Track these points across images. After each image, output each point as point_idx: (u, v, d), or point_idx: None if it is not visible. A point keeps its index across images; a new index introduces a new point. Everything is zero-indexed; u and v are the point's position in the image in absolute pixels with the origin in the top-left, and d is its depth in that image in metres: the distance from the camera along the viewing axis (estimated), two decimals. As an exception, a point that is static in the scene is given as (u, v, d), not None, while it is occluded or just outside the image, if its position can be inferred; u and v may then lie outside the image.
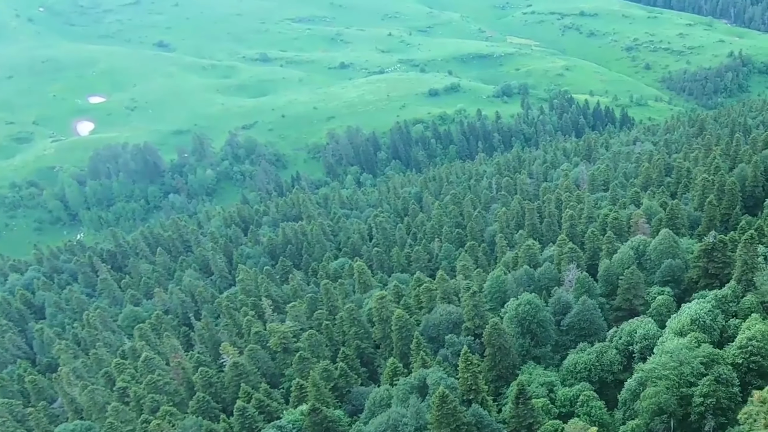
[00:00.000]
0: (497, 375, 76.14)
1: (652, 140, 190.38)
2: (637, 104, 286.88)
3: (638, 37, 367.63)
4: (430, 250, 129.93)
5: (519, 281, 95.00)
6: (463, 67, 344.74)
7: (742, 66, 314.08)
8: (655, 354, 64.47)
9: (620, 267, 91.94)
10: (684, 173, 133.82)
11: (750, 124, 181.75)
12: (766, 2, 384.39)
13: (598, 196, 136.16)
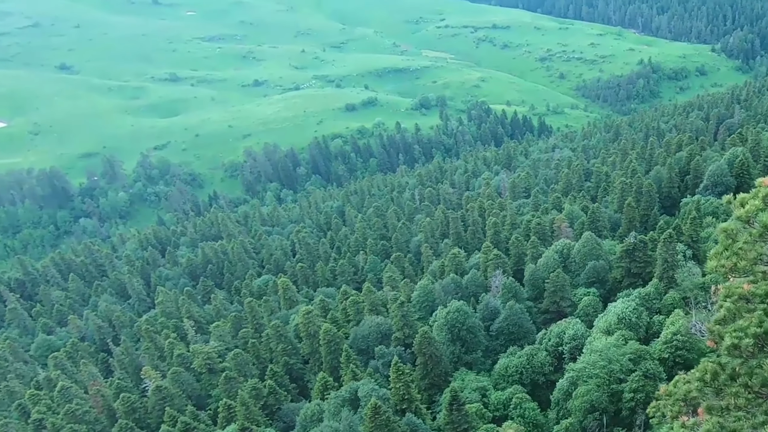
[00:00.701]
0: (430, 383, 75.98)
1: (571, 147, 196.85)
2: (554, 112, 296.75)
3: (551, 47, 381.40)
4: (355, 263, 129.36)
5: (447, 289, 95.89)
6: (380, 81, 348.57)
7: (652, 73, 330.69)
8: (585, 353, 65.89)
9: (546, 271, 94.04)
10: (603, 177, 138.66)
11: (663, 128, 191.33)
12: (671, 12, 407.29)
13: (521, 203, 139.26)
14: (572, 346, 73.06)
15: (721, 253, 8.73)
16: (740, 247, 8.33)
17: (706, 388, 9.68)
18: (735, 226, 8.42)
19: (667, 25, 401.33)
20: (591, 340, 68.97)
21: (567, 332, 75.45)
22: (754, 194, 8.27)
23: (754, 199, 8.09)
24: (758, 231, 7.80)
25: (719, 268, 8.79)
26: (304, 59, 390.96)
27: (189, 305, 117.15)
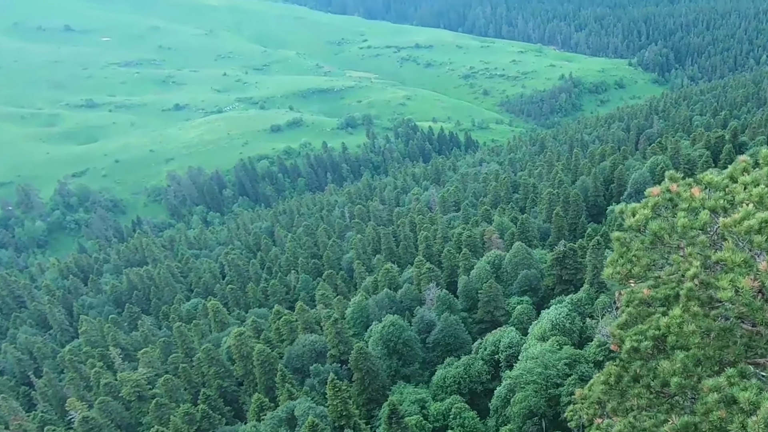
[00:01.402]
0: (368, 398, 75.97)
1: (498, 160, 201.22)
2: (480, 128, 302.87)
3: (474, 65, 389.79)
4: (287, 283, 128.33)
5: (381, 304, 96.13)
6: (304, 102, 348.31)
7: (573, 87, 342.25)
8: (521, 360, 66.99)
9: (479, 281, 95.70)
10: (530, 189, 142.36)
11: (586, 139, 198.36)
12: (588, 29, 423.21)
13: (451, 216, 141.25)
14: (508, 353, 74.23)
15: (616, 261, 9.42)
16: (634, 255, 9.05)
17: (611, 391, 10.22)
18: (627, 235, 9.16)
19: (585, 42, 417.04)
20: (526, 347, 70.10)
21: (502, 340, 76.72)
22: (644, 204, 9.03)
23: (644, 208, 8.83)
24: (649, 239, 8.52)
25: (615, 275, 9.44)
26: (226, 82, 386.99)
27: (115, 333, 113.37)
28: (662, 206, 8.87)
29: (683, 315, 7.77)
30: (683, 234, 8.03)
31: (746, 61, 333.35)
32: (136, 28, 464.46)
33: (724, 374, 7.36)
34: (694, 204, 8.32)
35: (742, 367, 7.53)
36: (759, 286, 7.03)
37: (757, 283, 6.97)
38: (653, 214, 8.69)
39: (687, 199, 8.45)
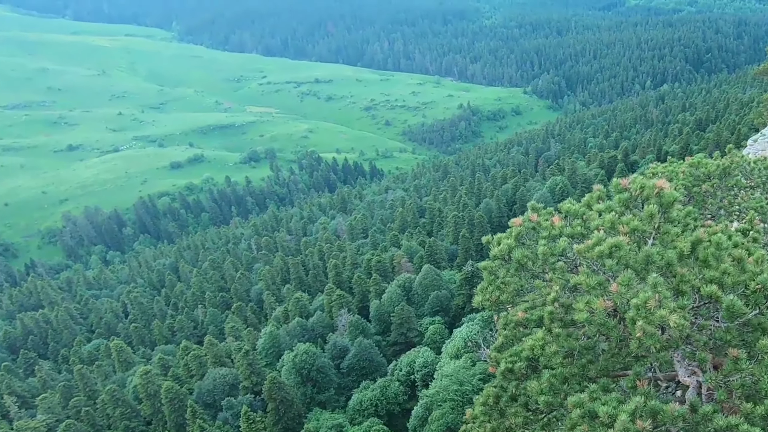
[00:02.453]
0: (283, 427, 74.79)
1: (403, 187, 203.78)
2: (384, 157, 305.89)
3: (375, 97, 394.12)
4: (194, 318, 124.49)
5: (292, 333, 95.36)
6: (205, 138, 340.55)
7: (472, 115, 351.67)
8: (436, 379, 67.90)
9: (390, 305, 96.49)
10: (436, 213, 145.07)
11: (488, 164, 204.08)
12: (483, 61, 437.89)
13: (359, 243, 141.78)
14: (424, 373, 75.21)
15: (486, 288, 9.89)
16: (502, 282, 9.53)
17: (491, 411, 10.59)
18: (494, 264, 9.64)
19: (481, 73, 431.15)
20: (441, 365, 71.06)
21: (417, 361, 77.61)
22: (508, 234, 9.61)
23: (508, 238, 9.38)
24: (514, 266, 9.02)
25: (485, 302, 9.93)
26: (121, 121, 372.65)
27: (9, 380, 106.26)
28: (525, 235, 9.38)
29: (545, 337, 8.24)
30: (544, 261, 8.53)
31: (632, 87, 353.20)
32: (23, 71, 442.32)
33: (587, 390, 7.83)
34: (554, 232, 8.86)
35: (604, 381, 8.04)
36: (612, 306, 7.54)
37: (610, 304, 7.47)
38: (516, 243, 9.17)
39: (547, 228, 8.98)
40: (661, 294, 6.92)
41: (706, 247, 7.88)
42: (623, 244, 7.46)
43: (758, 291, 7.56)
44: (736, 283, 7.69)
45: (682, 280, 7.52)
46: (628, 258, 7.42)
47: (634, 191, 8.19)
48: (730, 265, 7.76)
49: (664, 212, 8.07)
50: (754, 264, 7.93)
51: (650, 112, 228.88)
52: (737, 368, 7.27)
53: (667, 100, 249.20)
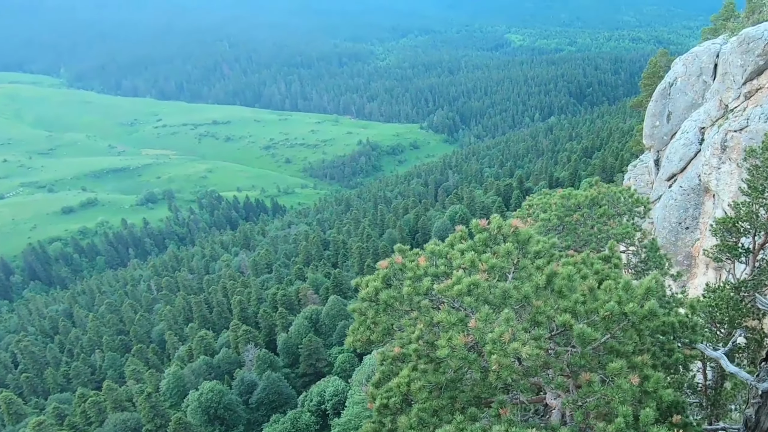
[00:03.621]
0: (190, 471, 71.38)
1: (306, 221, 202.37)
2: (286, 193, 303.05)
3: (274, 137, 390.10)
4: (91, 363, 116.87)
5: (198, 372, 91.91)
6: (99, 182, 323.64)
7: (371, 150, 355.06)
8: (348, 407, 66.96)
9: (298, 337, 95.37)
10: (341, 245, 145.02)
11: (389, 195, 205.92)
12: (380, 99, 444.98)
13: (264, 278, 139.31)
14: (334, 402, 74.14)
15: (357, 329, 9.96)
16: (372, 322, 9.60)
17: None
18: (363, 305, 9.72)
19: (378, 110, 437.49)
20: (352, 393, 70.15)
21: (327, 390, 76.49)
22: (376, 276, 9.73)
23: (375, 280, 9.51)
24: (382, 306, 9.13)
25: (356, 343, 9.97)
26: (7, 168, 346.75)
27: None
28: (393, 276, 9.49)
29: (410, 374, 8.33)
30: (409, 300, 8.64)
31: (522, 119, 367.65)
32: None
33: (454, 421, 7.94)
34: (419, 272, 9.02)
35: (472, 411, 8.18)
36: (472, 341, 7.70)
37: (470, 339, 7.63)
38: (384, 285, 9.26)
39: (412, 269, 9.13)
40: (514, 328, 7.14)
41: (561, 279, 8.23)
42: (481, 282, 7.68)
43: (607, 317, 7.94)
44: (588, 310, 8.06)
45: (537, 311, 7.80)
46: (486, 294, 7.65)
47: (493, 231, 8.47)
48: (582, 295, 8.14)
49: (522, 248, 8.39)
50: (604, 292, 8.35)
51: (540, 142, 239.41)
52: (591, 391, 7.58)
53: (555, 131, 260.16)
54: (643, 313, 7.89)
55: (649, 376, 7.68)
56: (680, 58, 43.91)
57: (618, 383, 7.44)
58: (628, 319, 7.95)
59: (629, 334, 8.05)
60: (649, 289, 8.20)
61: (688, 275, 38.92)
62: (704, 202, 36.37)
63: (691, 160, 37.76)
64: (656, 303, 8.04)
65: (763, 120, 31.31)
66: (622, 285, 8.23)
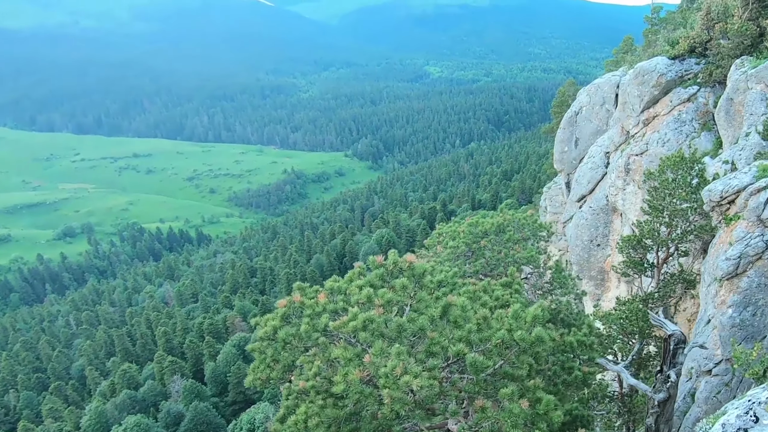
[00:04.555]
0: None
1: (232, 250, 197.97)
2: (210, 223, 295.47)
3: (197, 168, 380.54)
4: (5, 404, 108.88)
5: (121, 406, 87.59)
6: (12, 217, 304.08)
7: (297, 179, 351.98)
8: (279, 432, 65.11)
9: (226, 365, 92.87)
10: (268, 272, 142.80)
11: (316, 222, 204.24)
12: (304, 130, 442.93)
13: (190, 308, 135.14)
14: (264, 428, 72.41)
15: (257, 367, 9.81)
16: (272, 360, 9.48)
17: None
18: (262, 344, 9.59)
19: (302, 140, 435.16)
20: (283, 418, 68.82)
21: (257, 417, 74.47)
22: (274, 315, 9.65)
23: (273, 319, 9.42)
24: (280, 344, 9.03)
25: (255, 381, 9.80)
26: None
27: None
28: (293, 314, 9.39)
29: (307, 410, 8.22)
30: (307, 338, 8.57)
31: (444, 146, 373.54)
32: None
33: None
34: (317, 309, 8.97)
35: (372, 442, 8.13)
36: (368, 375, 7.68)
37: (366, 373, 7.61)
38: (282, 323, 9.15)
39: (311, 306, 9.08)
40: (406, 361, 7.17)
41: (456, 310, 8.35)
42: (375, 317, 7.71)
43: (498, 345, 8.10)
44: (482, 339, 8.21)
45: (432, 342, 7.87)
46: (382, 329, 7.67)
47: (389, 266, 8.53)
48: (476, 324, 8.28)
49: (418, 281, 8.48)
50: (497, 321, 8.52)
51: (462, 166, 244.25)
52: (485, 416, 7.69)
53: (475, 156, 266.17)
54: (531, 340, 8.11)
55: (540, 398, 7.89)
56: (584, 89, 46.04)
57: (509, 408, 7.57)
58: (518, 345, 8.13)
59: (522, 359, 8.25)
60: (535, 317, 8.44)
61: (603, 289, 40.50)
62: (613, 220, 38.04)
63: (599, 182, 39.47)
64: (542, 330, 8.29)
65: (660, 144, 33.20)
66: (511, 314, 8.44)
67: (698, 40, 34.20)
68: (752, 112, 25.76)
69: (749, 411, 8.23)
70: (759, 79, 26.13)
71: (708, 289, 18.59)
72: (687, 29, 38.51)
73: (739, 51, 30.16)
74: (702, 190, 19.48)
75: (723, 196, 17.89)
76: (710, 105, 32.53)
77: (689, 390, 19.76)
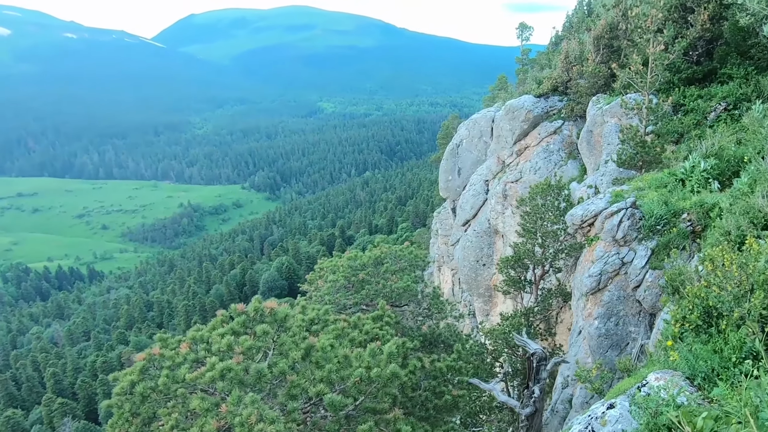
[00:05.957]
0: None
1: (127, 285, 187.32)
2: (103, 259, 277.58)
3: (88, 205, 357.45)
4: None
5: (7, 455, 79.49)
6: None
7: (194, 212, 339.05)
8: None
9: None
10: (165, 305, 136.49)
11: (214, 253, 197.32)
12: (199, 164, 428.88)
13: (81, 347, 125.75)
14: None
15: (116, 422, 9.26)
16: (131, 414, 9.03)
17: None
18: (121, 398, 9.11)
19: (199, 174, 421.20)
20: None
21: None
22: (132, 369, 9.19)
23: (131, 374, 8.98)
24: (138, 399, 8.62)
25: None
26: None
27: None
28: (153, 366, 9.00)
29: None
30: (166, 391, 8.24)
31: (340, 175, 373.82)
32: None
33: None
34: (177, 360, 8.65)
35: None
36: (225, 425, 7.47)
37: (222, 423, 7.40)
38: (141, 377, 8.74)
39: (171, 357, 8.74)
40: (260, 408, 7.04)
41: (317, 351, 8.31)
42: (234, 365, 7.52)
43: (357, 383, 8.13)
44: (342, 378, 8.20)
45: (293, 385, 7.77)
46: (241, 376, 7.49)
47: (251, 313, 8.38)
48: (338, 363, 8.28)
49: (281, 326, 8.38)
50: (356, 359, 8.56)
51: (358, 194, 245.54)
52: (345, 452, 7.66)
53: (371, 184, 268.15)
54: (387, 376, 8.21)
55: (399, 429, 7.97)
56: (464, 123, 47.93)
57: (369, 442, 7.59)
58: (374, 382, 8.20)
59: (387, 390, 8.31)
60: (390, 354, 8.55)
61: (491, 305, 41.78)
62: (496, 242, 39.53)
63: (481, 208, 41.00)
64: (397, 366, 8.40)
65: (533, 172, 35.11)
66: (368, 352, 8.51)
67: (559, 80, 36.94)
68: (609, 142, 28.00)
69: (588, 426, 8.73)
70: (613, 113, 28.52)
71: (577, 302, 19.56)
72: (551, 70, 41.44)
73: (594, 89, 32.89)
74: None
75: (583, 219, 19.01)
76: (574, 136, 35.02)
77: (567, 397, 20.68)
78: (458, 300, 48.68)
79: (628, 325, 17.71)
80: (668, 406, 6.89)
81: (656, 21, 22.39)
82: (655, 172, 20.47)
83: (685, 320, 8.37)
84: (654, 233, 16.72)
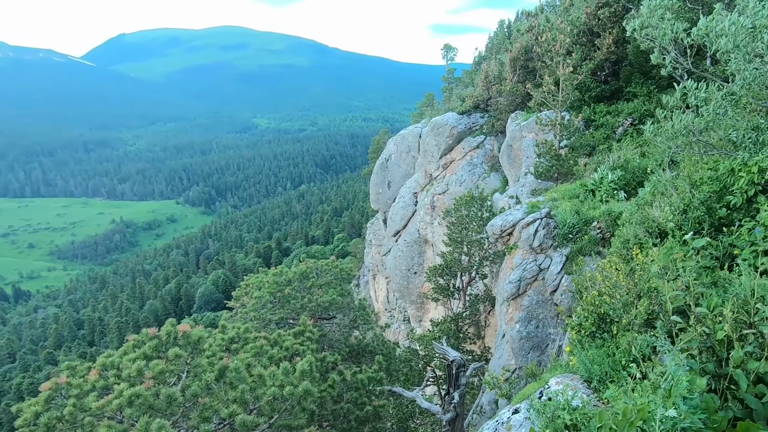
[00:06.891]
0: None
1: (56, 304, 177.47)
2: (30, 278, 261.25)
3: (13, 224, 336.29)
4: None
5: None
6: None
7: (126, 228, 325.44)
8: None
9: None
10: (97, 323, 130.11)
11: (148, 268, 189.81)
12: (132, 180, 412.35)
13: (6, 369, 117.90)
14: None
15: None
16: None
17: None
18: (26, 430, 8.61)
19: (131, 190, 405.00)
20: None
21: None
22: (37, 400, 8.70)
23: (35, 404, 8.49)
24: (43, 429, 8.18)
25: None
26: None
27: None
28: (60, 395, 8.56)
29: None
30: (72, 420, 7.84)
31: (276, 189, 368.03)
32: None
33: None
34: (86, 388, 8.26)
35: None
36: None
37: None
38: (46, 407, 8.29)
39: (79, 385, 8.34)
40: None
41: (231, 372, 8.11)
42: (143, 390, 7.24)
43: (270, 402, 7.98)
44: (256, 397, 8.03)
45: (204, 408, 7.55)
46: (151, 402, 7.20)
47: (163, 337, 8.10)
48: (252, 382, 8.10)
49: (195, 348, 8.13)
50: (270, 378, 8.40)
51: (294, 207, 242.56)
52: (259, 471, 7.49)
53: (306, 197, 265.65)
54: (300, 393, 8.10)
55: (316, 444, 7.88)
56: (392, 139, 48.38)
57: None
58: (287, 400, 8.07)
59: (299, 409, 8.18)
60: (303, 372, 8.46)
61: (423, 311, 42.05)
62: (426, 251, 39.96)
63: (410, 219, 41.39)
64: (309, 384, 8.31)
65: (458, 185, 35.76)
66: (281, 370, 8.38)
67: (480, 98, 38.05)
68: (528, 155, 28.95)
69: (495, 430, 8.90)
70: (530, 129, 29.52)
71: (500, 308, 19.95)
72: (474, 89, 42.62)
73: (513, 107, 34.05)
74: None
75: (503, 229, 19.46)
76: (495, 150, 36.08)
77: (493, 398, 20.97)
78: (393, 307, 48.91)
79: (548, 327, 18.22)
80: (563, 409, 7.11)
81: (564, 45, 23.41)
82: (569, 184, 21.32)
83: (581, 327, 8.69)
84: (568, 241, 17.31)
